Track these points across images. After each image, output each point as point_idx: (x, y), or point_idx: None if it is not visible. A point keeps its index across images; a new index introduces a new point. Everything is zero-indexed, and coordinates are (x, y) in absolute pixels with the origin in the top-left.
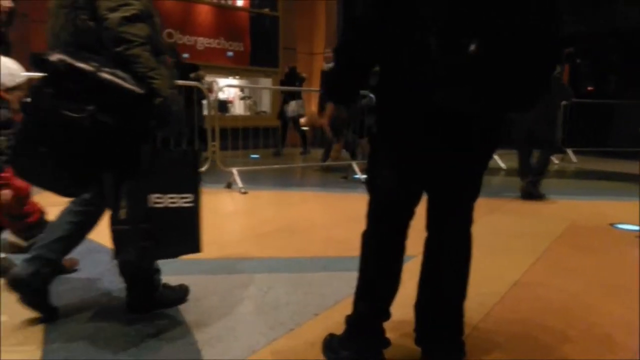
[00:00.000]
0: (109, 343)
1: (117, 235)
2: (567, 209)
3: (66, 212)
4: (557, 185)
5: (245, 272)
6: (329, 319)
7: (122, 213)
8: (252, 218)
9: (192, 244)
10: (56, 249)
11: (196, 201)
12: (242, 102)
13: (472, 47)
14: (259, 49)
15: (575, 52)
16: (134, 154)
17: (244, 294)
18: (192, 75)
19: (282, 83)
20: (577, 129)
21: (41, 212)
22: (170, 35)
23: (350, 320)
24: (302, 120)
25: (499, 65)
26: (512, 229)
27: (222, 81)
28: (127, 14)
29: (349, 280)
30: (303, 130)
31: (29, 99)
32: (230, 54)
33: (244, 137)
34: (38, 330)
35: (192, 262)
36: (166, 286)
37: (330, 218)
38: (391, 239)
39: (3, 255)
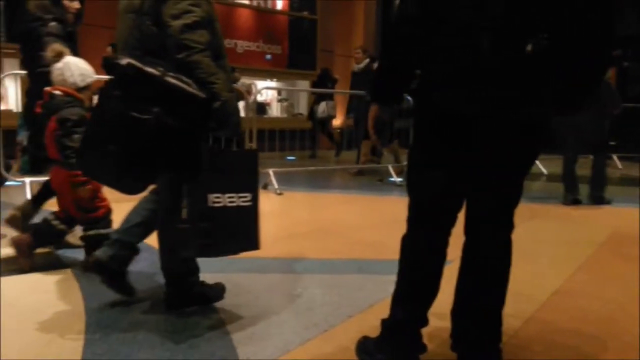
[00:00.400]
0: (147, 338)
1: (180, 233)
2: (611, 216)
3: (145, 200)
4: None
5: (279, 272)
6: (363, 322)
7: (183, 212)
8: (288, 219)
9: (250, 241)
10: (135, 234)
11: (254, 200)
12: (279, 104)
13: (528, 47)
14: (297, 51)
15: (623, 55)
16: (195, 154)
17: (279, 294)
18: None
19: (314, 84)
20: (624, 135)
21: (108, 208)
22: None
23: (386, 324)
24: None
25: (554, 67)
26: (553, 235)
27: (260, 83)
28: (188, 21)
29: (383, 283)
30: (330, 132)
31: (97, 101)
32: (268, 56)
33: (280, 138)
34: (80, 321)
35: (228, 261)
36: (203, 284)
37: (365, 220)
38: (432, 245)
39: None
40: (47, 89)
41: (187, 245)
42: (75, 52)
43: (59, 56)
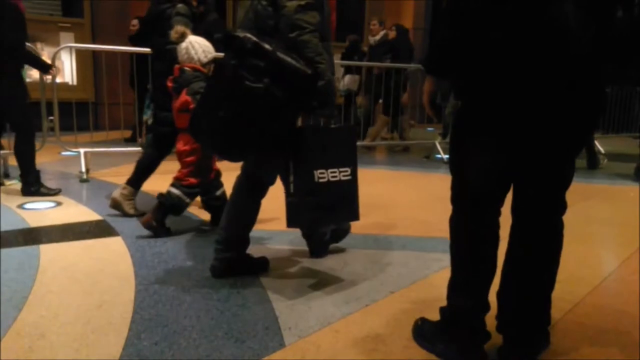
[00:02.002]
0: (193, 305)
1: (289, 206)
2: None
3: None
4: None
5: None
6: (406, 298)
7: (291, 187)
8: None
9: (352, 212)
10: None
11: (353, 174)
12: None
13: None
14: (345, 25)
15: None
16: (299, 132)
17: (322, 267)
18: None
19: (343, 56)
20: None
21: (218, 171)
22: None
23: (446, 313)
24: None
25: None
26: (609, 217)
27: None
28: (302, 2)
29: (427, 261)
30: (355, 107)
31: (213, 71)
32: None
33: None
34: (129, 287)
35: (273, 234)
36: (249, 257)
37: (411, 197)
38: (484, 227)
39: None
40: (177, 66)
41: (297, 218)
42: (202, 31)
43: (182, 37)
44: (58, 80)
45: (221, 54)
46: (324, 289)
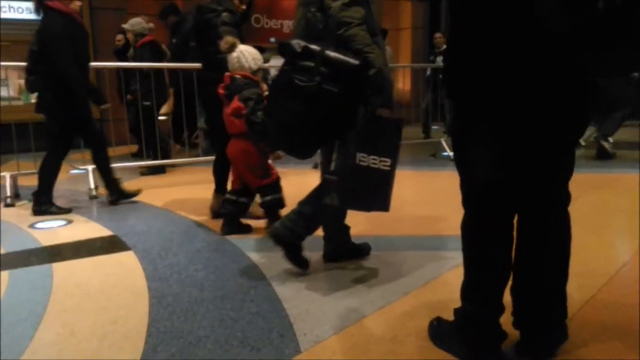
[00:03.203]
0: (207, 315)
1: (326, 183)
2: None
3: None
4: None
5: None
6: (420, 298)
7: (332, 165)
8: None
9: (383, 203)
10: (337, 221)
11: (392, 166)
12: None
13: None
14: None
15: None
16: (351, 117)
17: (334, 270)
18: None
19: None
20: None
21: (277, 175)
22: (257, 20)
23: (460, 315)
24: None
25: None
26: (622, 206)
27: None
28: (345, 0)
29: (439, 260)
30: None
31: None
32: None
33: None
34: (143, 300)
35: None
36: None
37: (419, 196)
38: (497, 230)
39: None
40: (228, 73)
41: (332, 195)
42: (242, 39)
43: (232, 47)
44: None
45: (266, 64)
46: (337, 293)
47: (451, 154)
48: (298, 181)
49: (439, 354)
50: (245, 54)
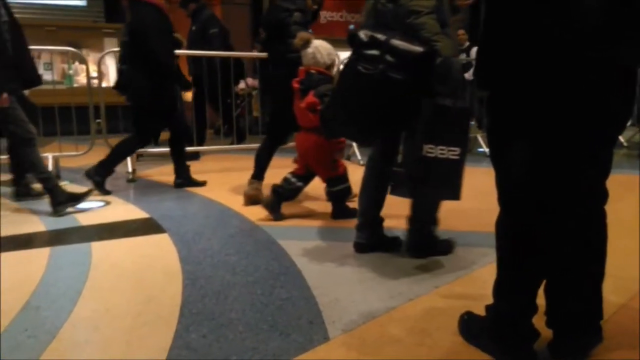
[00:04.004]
0: (238, 298)
1: (394, 175)
2: None
3: (364, 179)
4: None
5: None
6: (451, 292)
7: (400, 158)
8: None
9: (454, 192)
10: (375, 211)
11: (462, 155)
12: None
13: None
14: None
15: None
16: (415, 106)
17: (365, 262)
18: None
19: None
20: None
21: (345, 167)
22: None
23: (492, 313)
24: None
25: None
26: None
27: (343, 54)
28: None
29: (472, 255)
30: None
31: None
32: (352, 26)
33: None
34: (177, 282)
35: (315, 229)
36: (437, 238)
37: None
38: (533, 229)
39: None
40: (303, 68)
41: (401, 187)
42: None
43: (307, 43)
44: (104, 84)
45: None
46: (367, 284)
47: (487, 150)
48: None
49: (469, 349)
50: (321, 49)
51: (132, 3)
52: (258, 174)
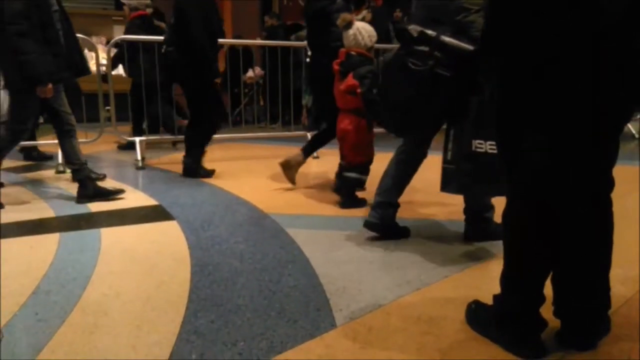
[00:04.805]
0: (246, 285)
1: (444, 172)
2: None
3: (391, 163)
4: None
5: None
6: (459, 282)
7: (449, 154)
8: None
9: (504, 188)
10: (394, 194)
11: None
12: None
13: None
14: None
15: None
16: (463, 103)
17: (371, 251)
18: (292, 36)
19: None
20: None
21: (371, 157)
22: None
23: (499, 303)
24: None
25: None
26: None
27: None
28: None
29: (483, 246)
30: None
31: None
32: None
33: None
34: (185, 268)
35: (323, 218)
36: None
37: None
38: (541, 219)
39: None
40: (343, 49)
41: (451, 183)
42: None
43: (350, 24)
44: (113, 72)
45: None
46: (375, 273)
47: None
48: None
49: (476, 338)
50: (362, 31)
51: None
52: (306, 149)
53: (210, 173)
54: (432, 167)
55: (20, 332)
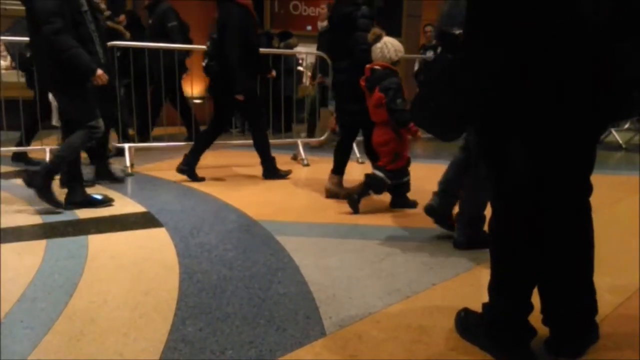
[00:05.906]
0: (235, 293)
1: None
2: None
3: (454, 160)
4: None
5: (364, 239)
6: (449, 290)
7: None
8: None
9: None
10: (454, 186)
11: None
12: None
13: None
14: (383, 17)
15: None
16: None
17: (361, 258)
18: (280, 44)
19: None
20: None
21: (408, 159)
22: (296, 6)
23: (488, 311)
24: None
25: None
26: None
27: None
28: None
29: (472, 254)
30: None
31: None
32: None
33: None
34: (174, 275)
35: (313, 225)
36: (485, 232)
37: None
38: (526, 228)
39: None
40: (368, 65)
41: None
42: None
43: (379, 38)
44: None
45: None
46: (364, 281)
47: None
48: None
49: (466, 347)
50: (389, 45)
51: (220, 1)
52: (337, 169)
53: (287, 173)
54: (421, 174)
55: (6, 340)
